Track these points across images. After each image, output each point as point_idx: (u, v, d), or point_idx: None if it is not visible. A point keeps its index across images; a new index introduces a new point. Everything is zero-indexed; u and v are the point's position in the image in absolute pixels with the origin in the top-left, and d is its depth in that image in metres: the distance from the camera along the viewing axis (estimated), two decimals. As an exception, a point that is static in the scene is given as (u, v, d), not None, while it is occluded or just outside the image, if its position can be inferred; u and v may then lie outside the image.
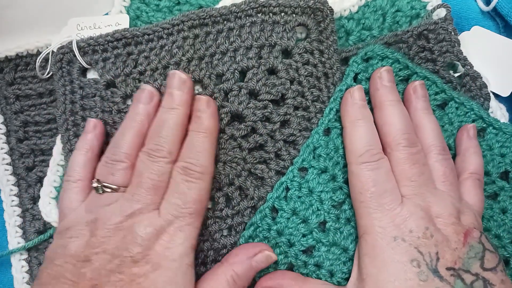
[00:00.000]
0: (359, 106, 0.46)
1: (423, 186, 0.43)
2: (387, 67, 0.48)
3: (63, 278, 0.39)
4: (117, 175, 0.44)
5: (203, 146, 0.44)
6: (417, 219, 0.41)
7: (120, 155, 0.44)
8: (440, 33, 0.52)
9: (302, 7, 0.49)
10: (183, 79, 0.46)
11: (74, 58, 0.50)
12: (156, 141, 0.44)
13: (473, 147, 0.48)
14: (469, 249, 0.41)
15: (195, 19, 0.49)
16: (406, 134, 0.45)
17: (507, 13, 0.56)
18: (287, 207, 0.46)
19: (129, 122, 0.45)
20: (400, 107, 0.46)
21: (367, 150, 0.44)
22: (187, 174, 0.43)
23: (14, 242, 0.53)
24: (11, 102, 0.55)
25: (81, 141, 0.47)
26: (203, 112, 0.45)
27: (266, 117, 0.48)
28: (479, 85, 0.52)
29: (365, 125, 0.45)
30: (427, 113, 0.48)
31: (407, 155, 0.44)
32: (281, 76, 0.49)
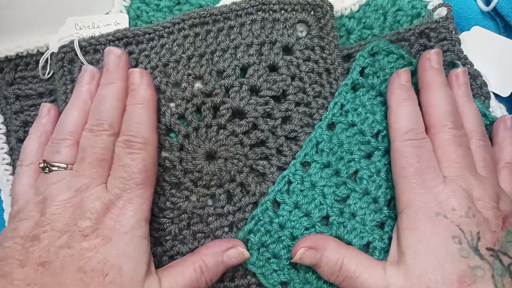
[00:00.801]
0: (405, 87, 0.47)
1: (466, 169, 0.43)
2: (437, 50, 0.49)
3: (11, 259, 0.39)
4: (62, 153, 0.44)
5: (142, 117, 0.44)
6: (460, 198, 0.41)
7: (64, 133, 0.44)
8: (441, 32, 0.52)
9: (302, 4, 0.49)
10: (118, 54, 0.46)
11: (75, 57, 0.50)
12: (97, 116, 0.44)
13: (509, 137, 0.49)
14: (507, 233, 0.41)
15: (196, 17, 0.49)
16: (453, 117, 0.45)
17: (507, 13, 0.56)
18: (289, 200, 0.46)
19: (73, 102, 0.46)
20: (447, 89, 0.47)
21: (412, 128, 0.45)
22: (129, 146, 0.43)
23: (14, 242, 0.53)
24: (11, 102, 0.55)
25: (35, 126, 0.48)
26: (137, 85, 0.45)
27: (268, 113, 0.49)
28: (480, 83, 0.52)
29: (410, 105, 0.46)
30: (469, 100, 0.48)
31: (452, 137, 0.44)
32: (282, 73, 0.49)
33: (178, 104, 0.48)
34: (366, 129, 0.48)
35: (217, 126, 0.48)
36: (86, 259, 0.39)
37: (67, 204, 0.41)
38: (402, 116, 0.46)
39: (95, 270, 0.39)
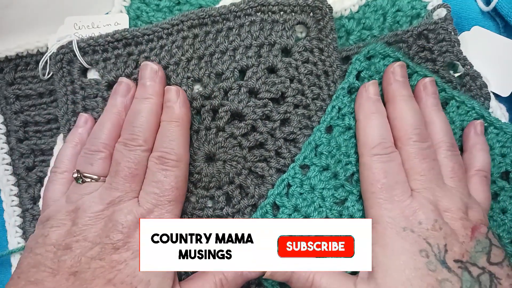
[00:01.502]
0: (373, 101, 0.47)
1: (432, 181, 0.44)
2: (401, 62, 0.49)
3: (42, 266, 0.40)
4: (95, 165, 0.44)
5: (176, 135, 0.45)
6: (426, 212, 0.42)
7: (98, 145, 0.45)
8: (440, 33, 0.52)
9: (301, 5, 0.49)
10: (154, 69, 0.47)
11: (74, 58, 0.50)
12: (131, 131, 0.44)
13: (480, 144, 0.49)
14: (476, 244, 0.41)
15: (195, 18, 0.49)
16: (418, 129, 0.45)
17: (507, 13, 0.56)
18: (289, 204, 0.46)
19: (107, 114, 0.47)
20: (412, 102, 0.47)
21: (380, 142, 0.45)
22: (163, 163, 0.44)
23: (14, 242, 0.53)
24: (11, 102, 0.55)
25: (71, 135, 0.48)
26: (173, 102, 0.46)
27: (266, 116, 0.49)
28: (479, 84, 0.52)
29: (378, 119, 0.46)
30: (437, 109, 0.48)
31: (418, 150, 0.44)
32: (281, 75, 0.49)
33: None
34: None
35: (216, 129, 0.48)
36: (116, 271, 0.40)
37: (99, 216, 0.42)
38: (370, 130, 0.46)
39: (124, 283, 0.40)
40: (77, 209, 0.42)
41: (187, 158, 0.46)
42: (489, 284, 0.40)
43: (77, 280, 0.39)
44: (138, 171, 0.44)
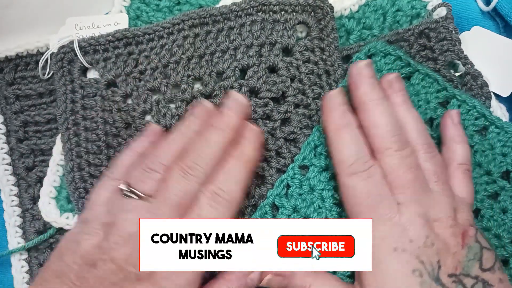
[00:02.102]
0: (341, 112, 0.44)
1: (419, 191, 0.41)
2: (367, 61, 0.45)
3: (66, 279, 0.39)
4: (147, 184, 0.42)
5: (239, 176, 0.43)
6: (416, 228, 0.40)
7: (158, 166, 0.42)
8: (441, 32, 0.52)
9: (302, 5, 0.49)
10: (239, 102, 0.45)
11: (75, 57, 0.50)
12: (194, 159, 0.42)
13: (458, 135, 0.47)
14: (468, 251, 0.40)
15: (196, 18, 0.49)
16: (396, 136, 0.42)
17: (507, 13, 0.56)
18: (288, 204, 0.46)
19: (178, 135, 0.44)
20: (385, 105, 0.44)
21: (356, 159, 0.42)
22: (214, 199, 0.41)
23: (14, 242, 0.53)
24: (11, 102, 0.55)
25: (135, 142, 0.47)
26: (249, 142, 0.44)
27: (267, 115, 0.49)
28: (480, 83, 0.52)
29: (350, 132, 0.43)
30: (408, 108, 0.45)
31: (400, 160, 0.42)
32: (281, 74, 0.49)
33: (178, 105, 0.49)
34: None
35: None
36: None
37: (131, 238, 0.39)
38: (344, 146, 0.43)
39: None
40: (113, 223, 0.40)
41: (240, 202, 0.43)
42: None
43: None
44: (186, 202, 0.41)
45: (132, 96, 0.49)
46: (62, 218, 0.50)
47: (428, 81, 0.50)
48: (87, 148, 0.50)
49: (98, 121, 0.50)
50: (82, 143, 0.50)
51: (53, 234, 0.52)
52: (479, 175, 0.49)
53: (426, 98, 0.50)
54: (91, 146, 0.50)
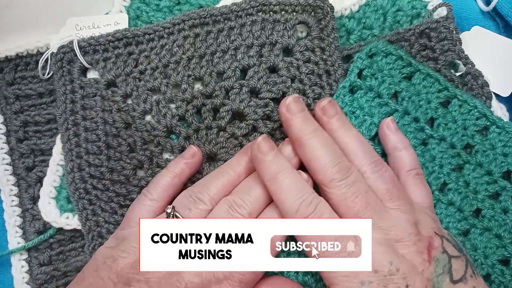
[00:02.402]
0: (271, 159, 0.42)
1: (374, 215, 0.41)
2: (294, 96, 0.45)
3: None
4: (193, 213, 0.43)
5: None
6: (378, 257, 0.39)
7: (205, 196, 0.43)
8: (441, 32, 0.52)
9: (303, 5, 0.49)
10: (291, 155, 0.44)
11: (74, 57, 0.50)
12: (243, 197, 0.42)
13: (399, 142, 0.47)
14: (436, 265, 0.40)
15: (196, 18, 0.49)
16: (337, 166, 0.41)
17: (507, 13, 0.56)
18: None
19: (228, 169, 0.45)
20: (320, 137, 0.43)
21: (300, 203, 0.41)
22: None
23: (14, 242, 0.53)
24: (11, 102, 0.55)
25: (175, 164, 0.47)
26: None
27: (267, 116, 0.48)
28: (481, 83, 0.52)
29: (286, 177, 0.42)
30: (346, 130, 0.44)
31: (346, 189, 0.41)
32: (282, 74, 0.49)
33: (179, 105, 0.49)
34: (364, 131, 0.48)
35: (217, 128, 0.49)
36: None
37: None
38: (284, 194, 0.41)
39: None
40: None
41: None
42: None
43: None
44: None
45: (132, 96, 0.49)
46: (62, 218, 0.51)
47: (429, 81, 0.50)
48: (87, 149, 0.50)
49: (98, 121, 0.50)
50: (82, 144, 0.50)
51: (53, 234, 0.52)
52: (480, 175, 0.49)
53: (427, 98, 0.50)
54: (91, 146, 0.50)
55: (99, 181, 0.50)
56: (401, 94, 0.50)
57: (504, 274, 0.47)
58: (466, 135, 0.49)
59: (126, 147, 0.49)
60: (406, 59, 0.50)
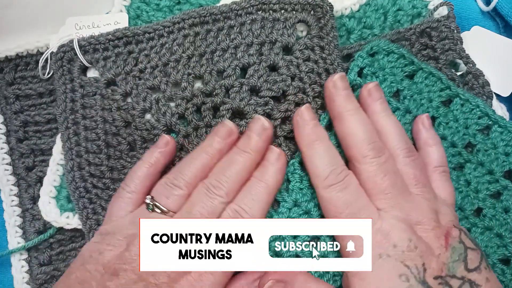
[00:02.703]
0: (311, 127, 0.45)
1: (398, 196, 0.42)
2: (340, 74, 0.46)
3: (88, 285, 0.40)
4: (171, 199, 0.43)
5: (260, 197, 0.43)
6: (398, 232, 0.40)
7: (181, 182, 0.44)
8: (442, 31, 0.52)
9: (302, 4, 0.49)
10: (265, 126, 0.45)
11: (75, 56, 0.50)
12: (219, 178, 0.43)
13: (431, 138, 0.47)
14: (452, 252, 0.40)
15: (196, 17, 0.49)
16: (372, 144, 0.43)
17: (507, 13, 0.56)
18: (289, 199, 0.46)
19: (200, 152, 0.45)
20: (360, 115, 0.45)
21: (331, 171, 0.43)
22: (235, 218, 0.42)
23: (14, 242, 0.53)
24: (11, 102, 0.55)
25: (149, 154, 0.47)
26: (271, 164, 0.45)
27: (267, 114, 0.48)
28: (482, 83, 0.52)
29: (322, 145, 0.44)
30: (387, 115, 0.46)
31: (377, 167, 0.42)
32: (282, 73, 0.49)
33: (178, 104, 0.49)
34: None
35: (217, 126, 0.48)
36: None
37: None
38: (317, 160, 0.44)
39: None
40: (136, 235, 0.41)
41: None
42: None
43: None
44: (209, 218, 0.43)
45: (132, 95, 0.49)
46: (62, 217, 0.50)
47: (431, 80, 0.50)
48: (86, 147, 0.50)
49: (97, 120, 0.50)
50: (82, 142, 0.50)
51: (53, 234, 0.52)
52: (482, 174, 0.49)
53: (428, 97, 0.50)
54: (91, 145, 0.50)
55: (99, 180, 0.49)
56: (403, 93, 0.50)
57: (505, 273, 0.47)
58: (467, 134, 0.49)
59: (126, 146, 0.49)
60: (408, 57, 0.50)
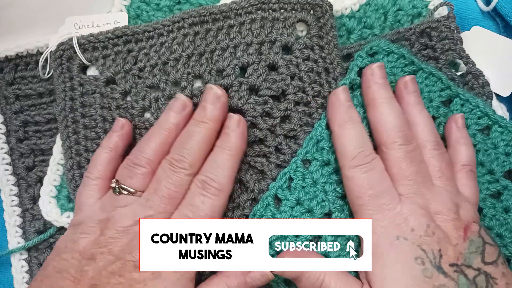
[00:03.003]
0: (346, 108, 0.46)
1: (420, 184, 0.43)
2: (379, 63, 0.48)
3: (66, 273, 0.40)
4: (135, 179, 0.44)
5: (226, 164, 0.44)
6: (417, 217, 0.41)
7: (142, 160, 0.44)
8: (442, 31, 0.52)
9: (301, 3, 0.49)
10: (218, 94, 0.45)
11: (74, 54, 0.50)
12: (180, 152, 0.44)
13: (462, 138, 0.48)
14: (470, 244, 0.41)
15: (196, 16, 0.49)
16: (402, 132, 0.44)
17: (507, 13, 0.56)
18: (291, 197, 0.46)
19: (157, 129, 0.45)
20: (393, 104, 0.46)
21: (359, 152, 0.44)
22: (204, 188, 0.43)
23: (14, 242, 0.53)
24: (11, 102, 0.55)
25: (107, 139, 0.48)
26: (232, 130, 0.45)
27: (267, 113, 0.48)
28: (482, 83, 0.51)
29: (354, 127, 0.45)
30: (420, 108, 0.47)
31: (404, 153, 0.43)
32: (281, 72, 0.49)
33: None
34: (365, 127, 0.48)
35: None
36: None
37: (127, 231, 0.42)
38: (347, 140, 0.45)
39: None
40: (108, 219, 0.42)
41: (230, 190, 0.45)
42: (485, 285, 0.39)
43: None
44: (177, 194, 0.43)
45: (131, 93, 0.50)
46: (63, 217, 0.50)
47: (431, 80, 0.50)
48: (86, 146, 0.50)
49: (97, 118, 0.50)
50: (81, 141, 0.50)
51: (53, 234, 0.52)
52: (482, 174, 0.49)
53: (429, 97, 0.50)
54: (90, 144, 0.50)
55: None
56: (403, 93, 0.50)
57: (506, 273, 0.47)
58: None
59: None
60: (408, 57, 0.50)
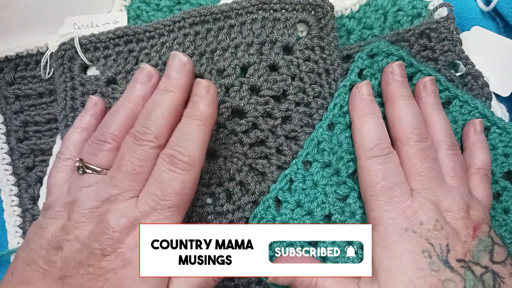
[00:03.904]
0: (367, 101, 0.47)
1: (433, 181, 0.43)
2: (399, 62, 0.48)
3: (35, 265, 0.38)
4: (100, 156, 0.41)
5: (195, 134, 0.41)
6: (427, 212, 0.41)
7: (106, 136, 0.42)
8: (442, 32, 0.52)
9: (303, 4, 0.49)
10: (183, 61, 0.43)
11: (75, 54, 0.50)
12: (144, 124, 0.41)
13: (480, 142, 0.48)
14: (479, 242, 0.41)
15: (196, 16, 0.49)
16: (417, 129, 0.45)
17: (507, 13, 0.56)
18: (292, 199, 0.46)
19: (123, 102, 0.43)
20: (411, 102, 0.47)
21: (377, 144, 0.44)
22: (172, 163, 0.40)
23: (14, 242, 0.53)
24: (11, 102, 0.55)
25: (79, 118, 0.46)
26: (200, 98, 0.42)
27: (268, 113, 0.48)
28: (481, 84, 0.52)
29: (373, 120, 0.46)
30: (437, 108, 0.48)
31: (418, 150, 0.44)
32: (282, 72, 0.49)
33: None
34: None
35: (217, 125, 0.48)
36: (104, 280, 0.37)
37: (92, 214, 0.39)
38: (366, 132, 0.45)
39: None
40: (74, 201, 0.40)
41: (201, 163, 0.41)
42: (492, 283, 0.39)
43: (64, 285, 0.37)
44: (142, 168, 0.40)
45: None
46: (63, 217, 0.50)
47: None
48: (86, 145, 0.50)
49: (97, 118, 0.50)
50: (82, 141, 0.50)
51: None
52: (481, 175, 0.49)
53: (428, 98, 0.50)
54: (91, 143, 0.50)
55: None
56: (402, 94, 0.50)
57: (506, 274, 0.47)
58: (466, 135, 0.50)
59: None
60: (407, 59, 0.50)
